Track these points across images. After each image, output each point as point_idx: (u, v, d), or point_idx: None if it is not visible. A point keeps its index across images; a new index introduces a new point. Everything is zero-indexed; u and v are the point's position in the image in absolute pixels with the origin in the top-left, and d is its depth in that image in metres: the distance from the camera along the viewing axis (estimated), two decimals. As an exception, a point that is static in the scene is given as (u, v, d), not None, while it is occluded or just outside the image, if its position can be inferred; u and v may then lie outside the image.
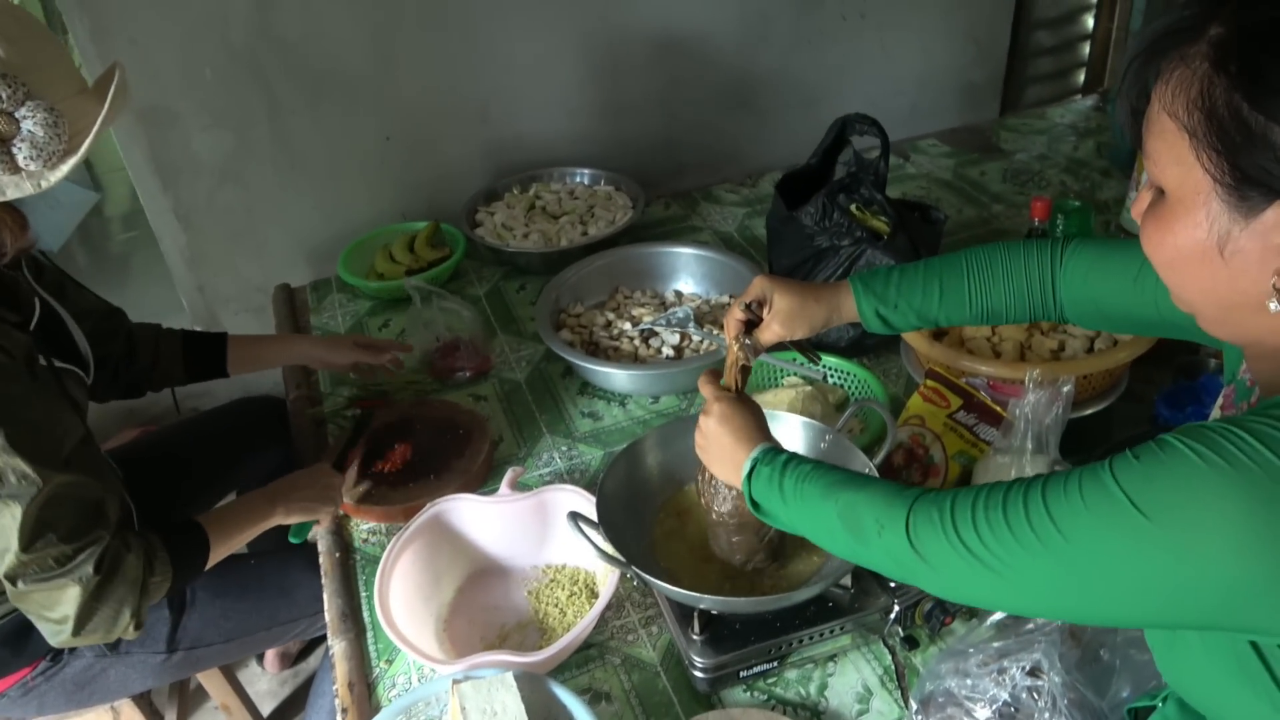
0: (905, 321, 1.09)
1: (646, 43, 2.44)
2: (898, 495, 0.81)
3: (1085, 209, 1.78)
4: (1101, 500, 0.64)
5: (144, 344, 1.50)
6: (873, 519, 0.81)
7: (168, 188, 2.12)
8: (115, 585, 1.11)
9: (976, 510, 0.72)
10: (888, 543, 0.80)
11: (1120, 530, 0.63)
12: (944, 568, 0.75)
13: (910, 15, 2.76)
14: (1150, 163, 0.68)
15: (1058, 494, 0.67)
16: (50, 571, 1.06)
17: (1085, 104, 2.74)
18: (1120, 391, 1.34)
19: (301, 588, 1.45)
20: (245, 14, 2.00)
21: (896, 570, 0.81)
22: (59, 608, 1.09)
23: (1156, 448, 0.64)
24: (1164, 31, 0.65)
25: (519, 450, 1.54)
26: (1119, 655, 1.02)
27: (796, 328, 1.09)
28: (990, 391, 1.30)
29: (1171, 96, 0.64)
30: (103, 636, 1.13)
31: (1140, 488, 0.62)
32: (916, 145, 2.54)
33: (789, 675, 1.13)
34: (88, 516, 1.10)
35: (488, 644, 1.22)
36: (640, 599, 1.25)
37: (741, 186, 2.39)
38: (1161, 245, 0.69)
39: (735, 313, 1.11)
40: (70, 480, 1.08)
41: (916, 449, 1.30)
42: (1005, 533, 0.69)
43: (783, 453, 0.95)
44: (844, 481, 0.87)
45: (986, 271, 1.05)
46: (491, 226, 2.10)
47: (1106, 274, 0.98)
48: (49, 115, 1.00)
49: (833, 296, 1.10)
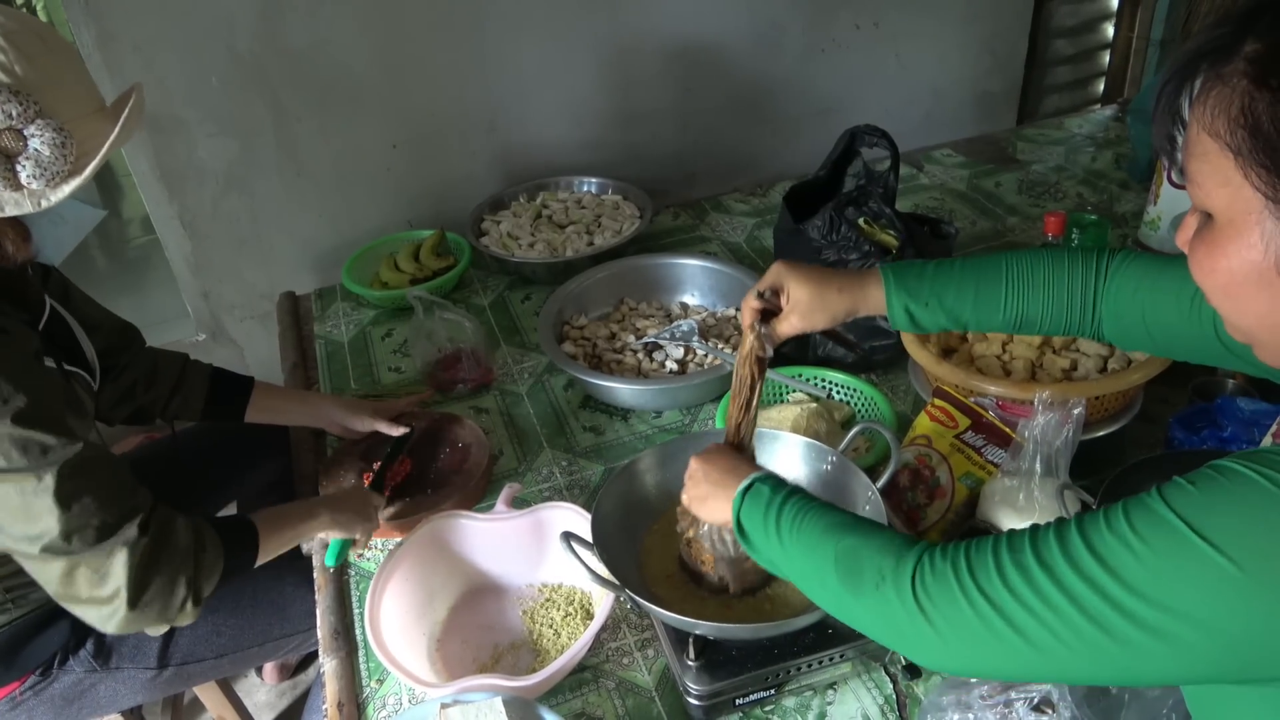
0: (934, 321, 1.03)
1: (658, 51, 2.42)
2: (907, 546, 0.73)
3: (1101, 224, 1.75)
4: (1172, 543, 0.57)
5: (167, 369, 1.48)
6: (873, 568, 0.74)
7: (173, 195, 2.11)
8: (166, 552, 1.08)
9: (1001, 555, 0.65)
10: (885, 597, 0.72)
11: (1203, 581, 0.56)
12: (953, 629, 0.67)
13: (925, 24, 2.73)
14: (1195, 187, 0.64)
15: (1104, 536, 0.60)
16: (95, 541, 1.03)
17: (1104, 114, 2.70)
18: (1134, 413, 1.30)
19: (295, 604, 1.43)
20: (251, 22, 1.99)
21: (887, 631, 0.73)
22: (109, 581, 1.05)
23: (1219, 476, 0.59)
24: (1196, 53, 0.62)
25: (519, 465, 1.51)
26: (1128, 689, 0.98)
27: (816, 319, 1.03)
28: (999, 412, 1.27)
29: (1211, 117, 0.61)
30: (159, 611, 1.08)
31: (1218, 527, 0.56)
32: (931, 155, 2.50)
33: (787, 703, 1.10)
34: (123, 486, 1.07)
35: (480, 664, 1.19)
36: (636, 620, 1.22)
37: (752, 196, 2.36)
38: (1214, 271, 0.65)
39: (751, 300, 1.05)
40: (97, 449, 1.05)
41: (922, 470, 1.27)
42: (1044, 582, 0.62)
43: (786, 483, 0.91)
44: (849, 526, 0.80)
45: (1027, 277, 1.00)
46: (497, 235, 2.08)
47: (1158, 290, 0.93)
48: (57, 135, 0.98)
49: (858, 287, 1.03)
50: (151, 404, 1.47)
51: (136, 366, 1.45)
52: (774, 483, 0.90)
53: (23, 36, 1.00)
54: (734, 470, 0.96)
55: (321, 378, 1.78)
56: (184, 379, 1.48)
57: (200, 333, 2.33)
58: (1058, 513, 1.10)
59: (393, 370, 1.78)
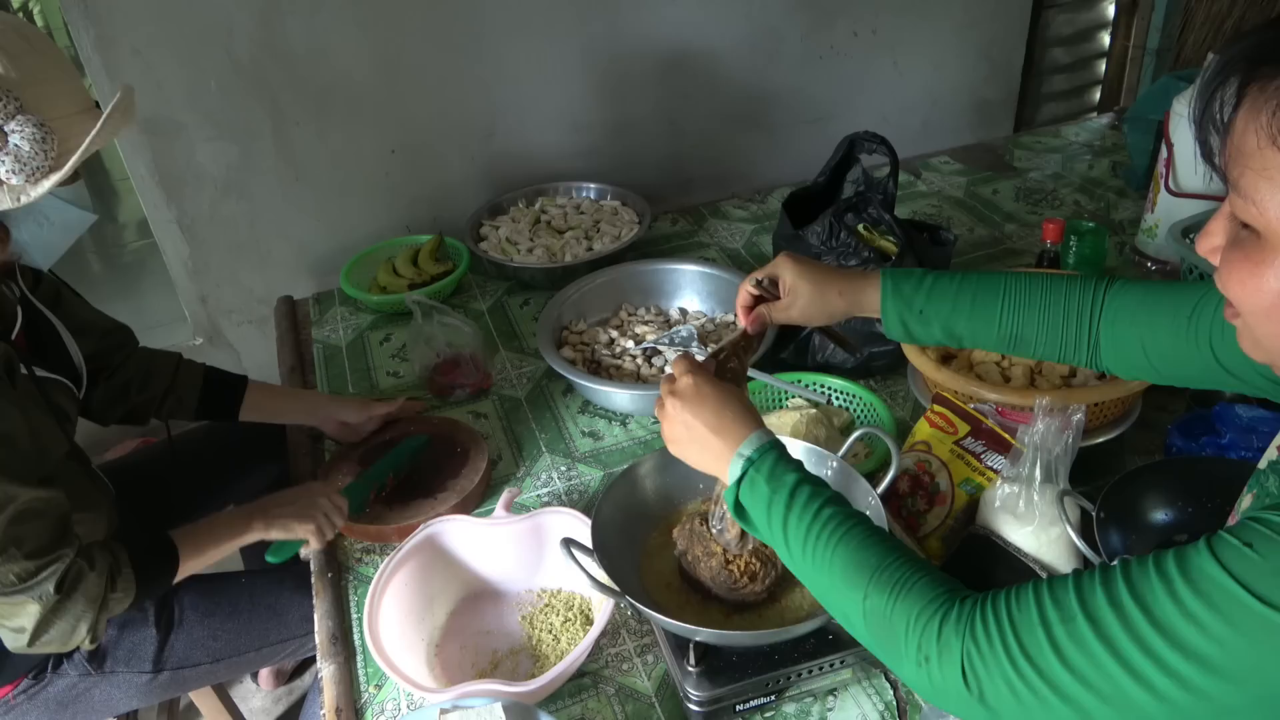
0: (928, 334, 1.02)
1: (655, 58, 2.42)
2: (941, 610, 0.69)
3: (1100, 231, 1.75)
4: (1244, 616, 0.54)
5: (161, 369, 1.48)
6: (913, 644, 0.69)
7: (171, 199, 2.11)
8: (74, 602, 1.11)
9: (1053, 627, 0.61)
10: (930, 675, 0.68)
11: (1277, 650, 0.53)
12: (1010, 710, 0.64)
13: (923, 32, 2.73)
14: (1245, 201, 0.59)
15: (1164, 605, 0.57)
16: (11, 587, 1.06)
17: (1101, 122, 2.71)
18: (1133, 419, 1.31)
19: (293, 608, 1.42)
20: (250, 27, 1.99)
21: (941, 700, 0.70)
22: (16, 620, 1.09)
23: (1271, 533, 0.55)
24: (1250, 58, 0.57)
25: (517, 470, 1.51)
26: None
27: (814, 316, 1.03)
28: (999, 418, 1.27)
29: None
30: (57, 648, 1.14)
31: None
32: (928, 162, 2.51)
33: (787, 710, 1.09)
34: (53, 533, 1.09)
35: (479, 670, 1.19)
36: (636, 626, 1.22)
37: (750, 202, 2.37)
38: (1259, 291, 0.60)
39: (748, 287, 1.05)
40: (38, 496, 1.07)
41: (922, 476, 1.27)
42: (1107, 660, 0.58)
43: (786, 462, 0.85)
44: (868, 566, 0.75)
45: (1024, 296, 0.99)
46: (496, 241, 2.08)
47: (1156, 311, 0.91)
48: (37, 131, 0.99)
49: (857, 291, 1.03)
50: (145, 404, 1.46)
51: (130, 367, 1.45)
52: (773, 461, 0.85)
53: (5, 35, 1.01)
54: (729, 421, 0.88)
55: (319, 382, 1.78)
56: (178, 379, 1.48)
57: (197, 337, 2.32)
58: (1058, 520, 1.10)
59: (391, 375, 1.78)
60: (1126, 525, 1.14)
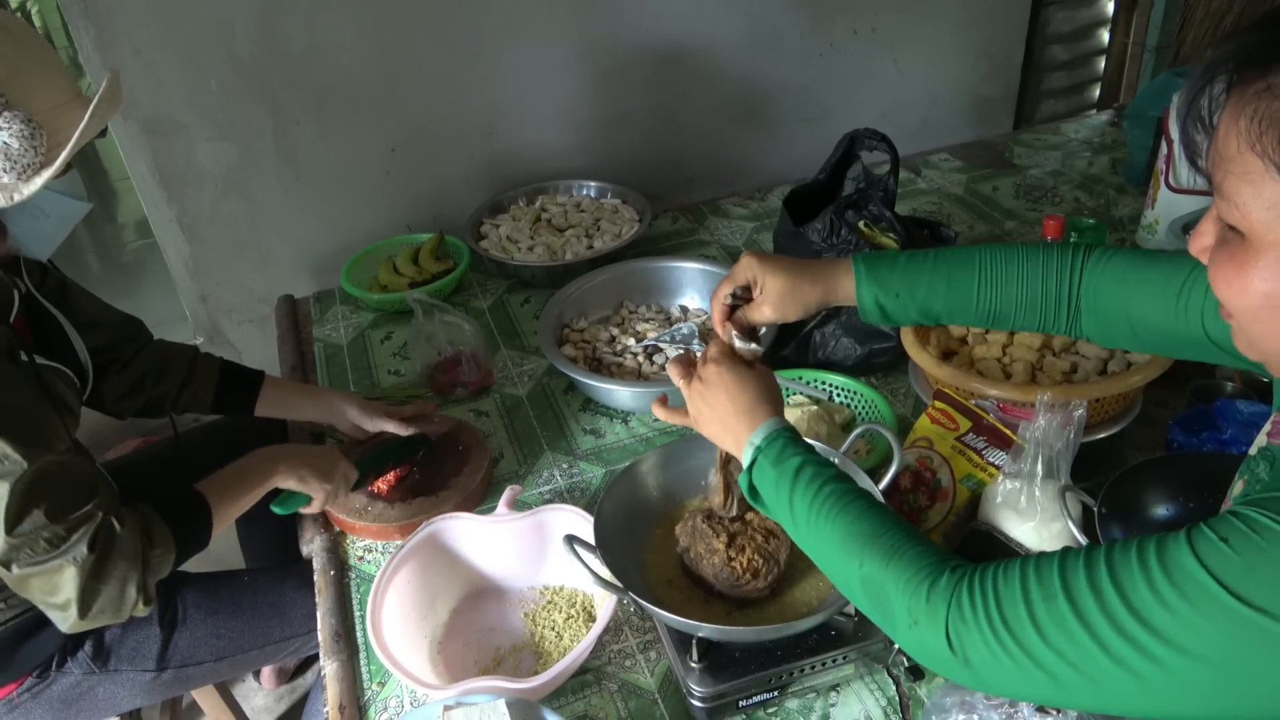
0: (905, 314, 1.01)
1: (655, 56, 2.42)
2: (933, 578, 0.72)
3: (1100, 228, 1.75)
4: (1214, 607, 0.56)
5: (177, 361, 1.48)
6: (904, 608, 0.73)
7: (172, 198, 2.11)
8: (113, 562, 1.08)
9: (1034, 602, 0.64)
10: (919, 638, 0.72)
11: (1245, 640, 0.55)
12: (991, 673, 0.67)
13: (923, 30, 2.74)
14: (1228, 205, 0.59)
15: (1141, 591, 0.59)
16: (44, 554, 1.04)
17: (1100, 119, 2.71)
18: (1134, 415, 1.31)
19: (296, 606, 1.42)
20: (250, 26, 1.99)
21: (929, 662, 0.73)
22: (60, 592, 1.06)
23: (1252, 534, 0.57)
24: (1233, 61, 0.57)
25: (519, 467, 1.51)
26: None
27: (789, 310, 1.03)
28: (1000, 414, 1.27)
29: (1259, 131, 0.55)
30: (113, 616, 1.10)
31: (1263, 592, 0.55)
32: (928, 160, 2.51)
33: (790, 705, 1.09)
34: (77, 494, 1.07)
35: (482, 667, 1.19)
36: (639, 623, 1.22)
37: (750, 200, 2.37)
38: (1245, 292, 0.61)
39: (720, 298, 1.05)
40: (59, 459, 1.05)
41: (924, 472, 1.27)
42: (1082, 636, 0.61)
43: (798, 444, 0.89)
44: (868, 536, 0.78)
45: (1001, 270, 0.98)
46: (496, 239, 2.08)
47: (1144, 284, 0.90)
48: (25, 127, 0.97)
49: (829, 277, 1.02)
50: (162, 397, 1.46)
51: (145, 359, 1.45)
52: (780, 447, 0.89)
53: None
54: (754, 404, 0.94)
55: (320, 381, 1.78)
56: (194, 372, 1.48)
57: (198, 336, 2.33)
58: (1060, 516, 1.10)
59: (392, 373, 1.78)
60: (1128, 521, 1.14)
